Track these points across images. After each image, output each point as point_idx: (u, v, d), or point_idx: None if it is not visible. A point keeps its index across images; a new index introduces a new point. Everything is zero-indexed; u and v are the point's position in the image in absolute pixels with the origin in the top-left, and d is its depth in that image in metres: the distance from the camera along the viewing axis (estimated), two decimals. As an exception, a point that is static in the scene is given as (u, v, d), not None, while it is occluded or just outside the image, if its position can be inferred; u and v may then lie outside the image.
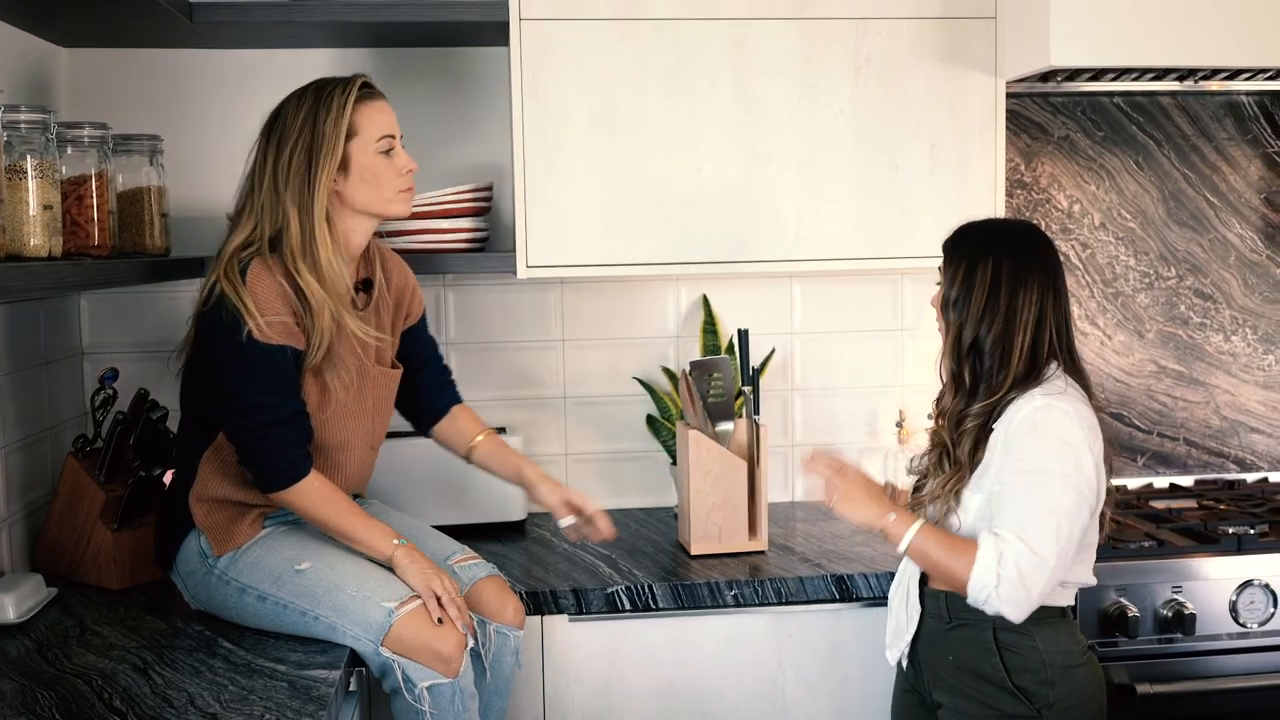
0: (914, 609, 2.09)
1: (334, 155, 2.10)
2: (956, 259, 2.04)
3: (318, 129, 2.10)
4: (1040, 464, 1.91)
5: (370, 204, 2.16)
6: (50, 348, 2.58)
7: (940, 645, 2.06)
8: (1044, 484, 1.90)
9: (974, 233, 2.07)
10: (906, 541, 1.98)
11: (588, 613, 2.34)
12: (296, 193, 2.09)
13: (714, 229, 2.59)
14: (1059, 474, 1.90)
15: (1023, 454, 1.92)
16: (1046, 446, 1.92)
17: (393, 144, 2.17)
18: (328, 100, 2.12)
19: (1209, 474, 3.12)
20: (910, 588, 2.11)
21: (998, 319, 1.98)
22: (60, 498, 2.40)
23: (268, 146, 2.13)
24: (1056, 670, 1.97)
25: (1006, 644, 1.98)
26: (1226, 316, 3.10)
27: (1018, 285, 1.98)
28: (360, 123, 2.13)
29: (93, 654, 2.00)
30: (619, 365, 2.95)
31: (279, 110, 2.16)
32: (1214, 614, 2.43)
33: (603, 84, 2.54)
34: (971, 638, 2.01)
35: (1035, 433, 1.92)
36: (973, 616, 1.99)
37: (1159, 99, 3.03)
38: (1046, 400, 1.94)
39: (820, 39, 2.57)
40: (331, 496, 2.09)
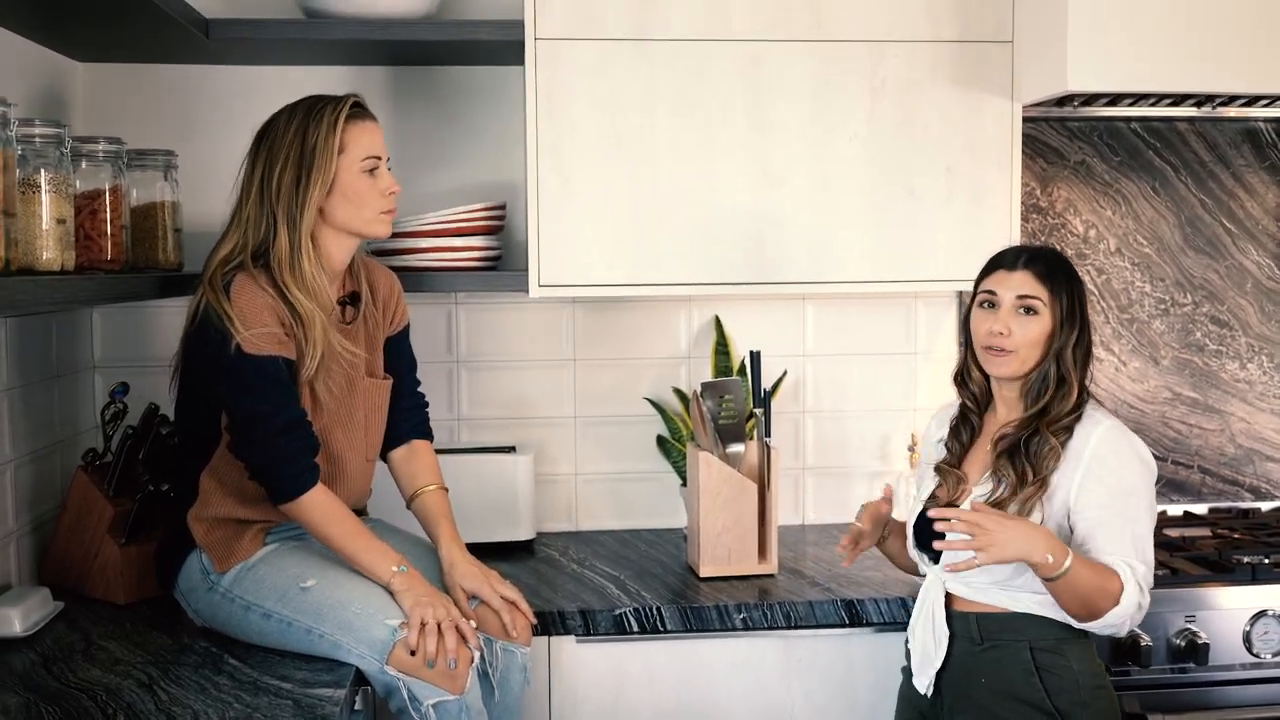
0: (942, 634, 2.06)
1: (325, 172, 2.12)
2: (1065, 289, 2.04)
3: (307, 145, 2.11)
4: (1132, 486, 1.97)
5: (350, 222, 2.17)
6: (61, 361, 2.58)
7: (972, 669, 2.04)
8: (1137, 504, 1.97)
9: (1060, 260, 2.10)
10: (1066, 568, 1.87)
11: (595, 634, 2.33)
12: (286, 207, 2.11)
13: (727, 250, 2.59)
14: (1146, 493, 1.98)
15: (1113, 476, 1.97)
16: (1133, 466, 1.99)
17: (378, 164, 2.18)
18: (318, 117, 2.13)
19: (1223, 502, 3.09)
20: (936, 611, 2.07)
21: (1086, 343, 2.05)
22: (69, 511, 2.40)
23: (256, 159, 2.16)
24: (1088, 690, 1.97)
25: (1045, 665, 1.98)
26: (1242, 344, 3.08)
27: (1090, 314, 2.09)
28: (347, 141, 2.15)
29: (98, 669, 1.99)
30: (630, 385, 2.94)
31: (269, 124, 2.18)
32: (1227, 644, 2.40)
33: (617, 104, 2.54)
34: (1008, 659, 2.00)
35: (1119, 453, 1.98)
36: (1008, 638, 1.99)
37: (1176, 125, 3.02)
38: (1112, 420, 2.02)
39: (836, 61, 2.57)
40: (338, 514, 2.09)
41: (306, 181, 2.11)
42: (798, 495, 3.02)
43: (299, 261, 2.11)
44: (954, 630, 2.06)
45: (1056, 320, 2.02)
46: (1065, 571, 1.86)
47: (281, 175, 2.11)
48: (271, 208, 2.12)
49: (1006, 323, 2.03)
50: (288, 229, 2.11)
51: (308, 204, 2.11)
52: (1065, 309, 2.03)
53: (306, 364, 2.11)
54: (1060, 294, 2.03)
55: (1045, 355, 2.03)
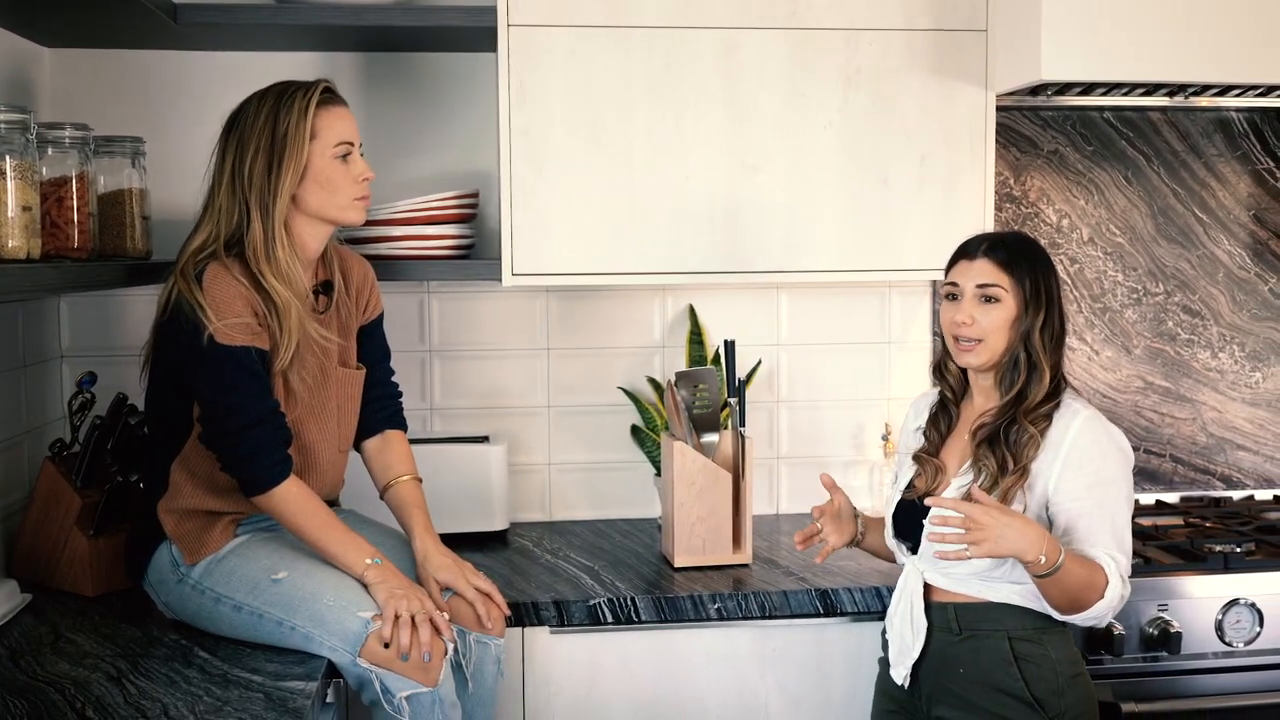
0: (920, 624, 2.05)
1: (298, 158, 2.10)
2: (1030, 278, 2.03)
3: (278, 131, 2.09)
4: (1111, 475, 1.98)
5: (323, 209, 2.15)
6: (28, 350, 2.55)
7: (949, 659, 2.04)
8: (1116, 494, 1.97)
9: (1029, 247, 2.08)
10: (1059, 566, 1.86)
11: (569, 625, 2.32)
12: (259, 195, 2.09)
13: (701, 239, 2.58)
14: (1124, 483, 1.99)
15: (1092, 465, 1.97)
16: (1112, 455, 1.99)
17: (350, 150, 2.16)
18: (289, 103, 2.11)
19: (1195, 491, 3.10)
20: (914, 602, 2.07)
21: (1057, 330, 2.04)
22: (36, 503, 2.37)
23: (227, 147, 2.13)
24: (1065, 679, 1.98)
25: (1023, 654, 1.98)
26: (1214, 333, 3.10)
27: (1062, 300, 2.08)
28: (319, 127, 2.12)
29: (66, 662, 1.97)
30: (604, 375, 2.93)
31: (239, 111, 2.15)
32: (1200, 633, 2.41)
33: (591, 91, 2.52)
34: (987, 649, 2.00)
35: (1098, 443, 1.98)
36: (986, 628, 1.99)
37: (1149, 114, 3.03)
38: (1092, 411, 2.02)
39: (811, 49, 2.56)
40: (311, 506, 2.07)
41: (279, 168, 2.09)
42: (772, 485, 3.01)
43: (273, 249, 2.09)
44: (932, 620, 2.06)
45: (1020, 305, 2.02)
46: (1057, 569, 1.85)
47: (253, 163, 2.09)
48: (244, 196, 2.09)
49: (969, 312, 2.04)
50: (261, 217, 2.09)
51: (280, 191, 2.09)
52: (1029, 292, 2.02)
53: (281, 354, 2.09)
54: (1023, 279, 2.02)
55: (1013, 341, 2.02)
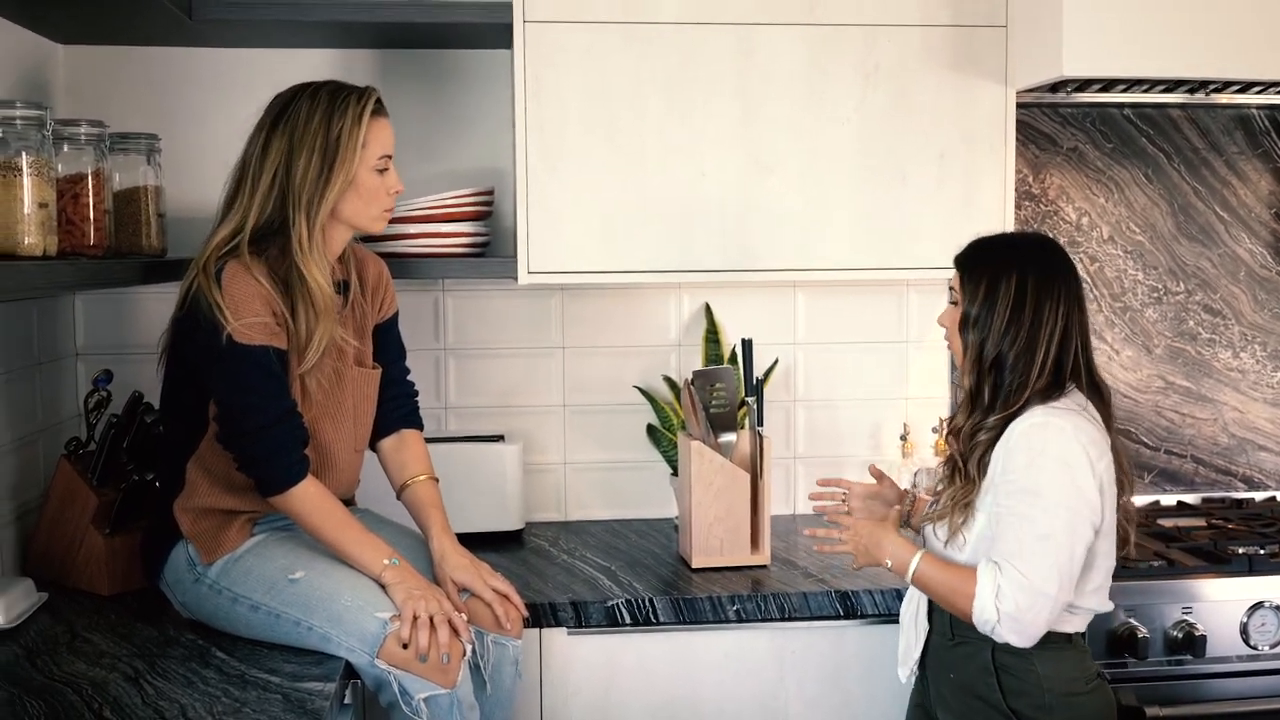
0: (923, 626, 2.06)
1: (349, 166, 2.08)
2: (976, 275, 1.98)
3: (332, 136, 2.07)
4: (1036, 484, 1.85)
5: (355, 217, 2.14)
6: (43, 348, 2.54)
7: (944, 663, 2.03)
8: (1040, 506, 1.84)
9: (991, 247, 2.02)
10: (910, 574, 1.98)
11: (587, 626, 2.30)
12: (307, 195, 2.07)
13: (717, 237, 2.56)
14: (1054, 496, 1.84)
15: (1018, 473, 1.87)
16: (1043, 465, 1.86)
17: (388, 164, 2.15)
18: (343, 108, 2.09)
19: (1216, 492, 3.08)
20: (920, 604, 2.07)
21: (1021, 333, 1.92)
22: (52, 501, 2.36)
23: (273, 139, 2.09)
24: (1055, 697, 1.92)
25: (1004, 665, 1.94)
26: (1235, 332, 3.07)
27: (1043, 298, 1.93)
28: (369, 138, 2.11)
29: (83, 662, 1.95)
30: (619, 374, 2.91)
31: (288, 106, 2.11)
32: (1224, 636, 2.39)
33: (606, 88, 2.51)
34: (971, 656, 1.97)
35: (1030, 450, 1.87)
36: (974, 635, 1.95)
37: (1169, 111, 3.00)
38: (1045, 417, 1.89)
39: (828, 46, 2.54)
40: (328, 506, 2.05)
41: (329, 174, 2.07)
42: (789, 485, 3.00)
43: (313, 251, 2.07)
44: (932, 625, 2.05)
45: (963, 295, 1.99)
46: (911, 575, 1.96)
47: (306, 164, 2.06)
48: (292, 194, 2.07)
49: (945, 312, 2.08)
50: (306, 218, 2.07)
51: (328, 196, 2.08)
52: (974, 289, 1.96)
53: (308, 355, 2.07)
54: (971, 278, 1.98)
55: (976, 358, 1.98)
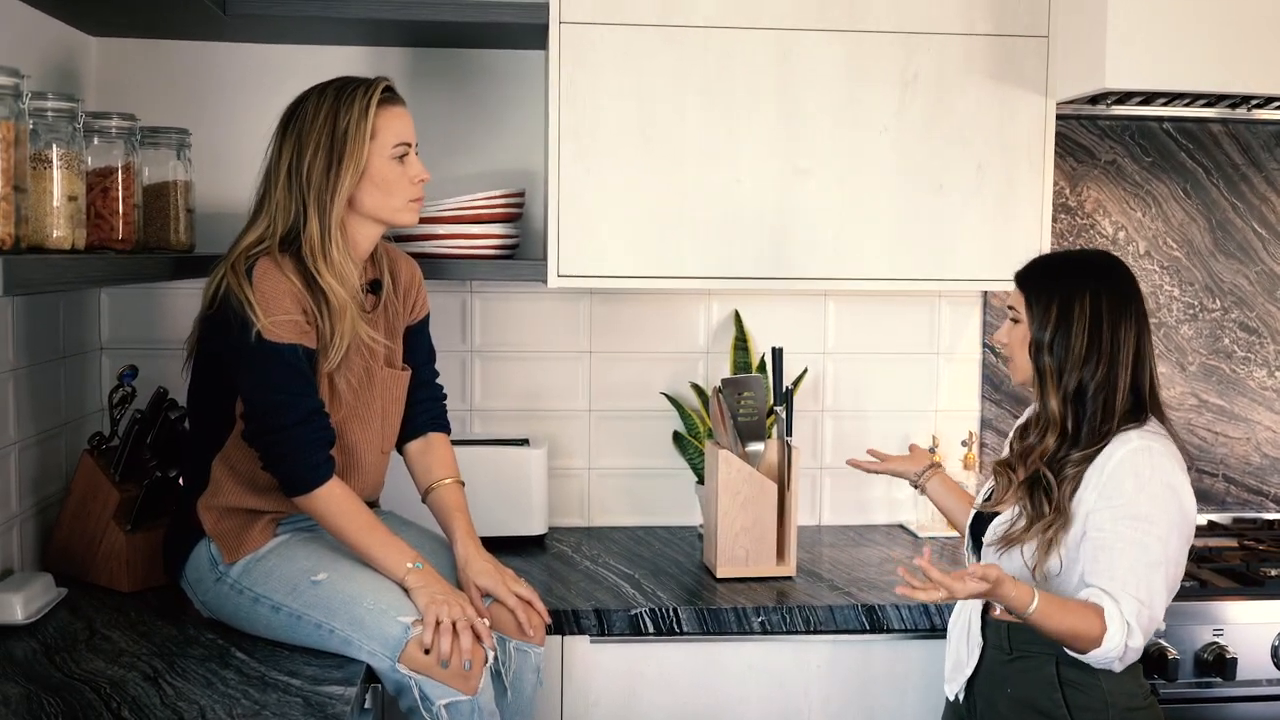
0: (975, 642, 2.01)
1: (357, 158, 2.06)
2: (1044, 296, 1.94)
3: (338, 130, 2.05)
4: (1147, 511, 1.84)
5: (378, 210, 2.11)
6: (69, 342, 2.52)
7: (999, 678, 1.99)
8: (1153, 534, 1.83)
9: (1058, 266, 1.99)
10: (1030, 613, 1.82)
11: (610, 634, 2.27)
12: (316, 193, 2.05)
13: (750, 244, 2.53)
14: (1164, 521, 1.84)
15: (1125, 499, 1.85)
16: (1152, 491, 1.85)
17: (408, 151, 2.13)
18: (349, 101, 2.07)
19: (1247, 512, 3.04)
20: (972, 619, 2.03)
21: (1101, 360, 1.90)
22: (74, 496, 2.34)
23: (284, 143, 2.09)
24: (1118, 712, 1.90)
25: (1070, 680, 1.91)
26: (1271, 351, 3.03)
27: (1118, 320, 1.91)
28: (379, 127, 2.09)
29: (102, 660, 1.94)
30: (647, 380, 2.89)
31: (297, 106, 2.11)
32: (1255, 658, 2.35)
33: (642, 91, 2.48)
34: (1033, 670, 1.94)
35: (1139, 477, 1.85)
36: (1036, 649, 1.92)
37: (1209, 126, 2.96)
38: (1145, 442, 1.87)
39: (867, 53, 2.51)
40: (352, 508, 2.03)
41: (338, 168, 2.05)
42: (814, 495, 2.97)
43: (329, 249, 2.05)
44: (986, 639, 2.01)
45: (1030, 316, 1.95)
46: (1026, 616, 1.81)
47: (313, 161, 2.05)
48: (302, 194, 2.06)
49: (1001, 332, 2.04)
50: (319, 216, 2.05)
51: (339, 191, 2.06)
52: (1043, 312, 1.93)
53: (331, 355, 2.05)
54: (1039, 300, 1.94)
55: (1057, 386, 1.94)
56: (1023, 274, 2.01)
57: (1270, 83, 2.43)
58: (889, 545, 2.78)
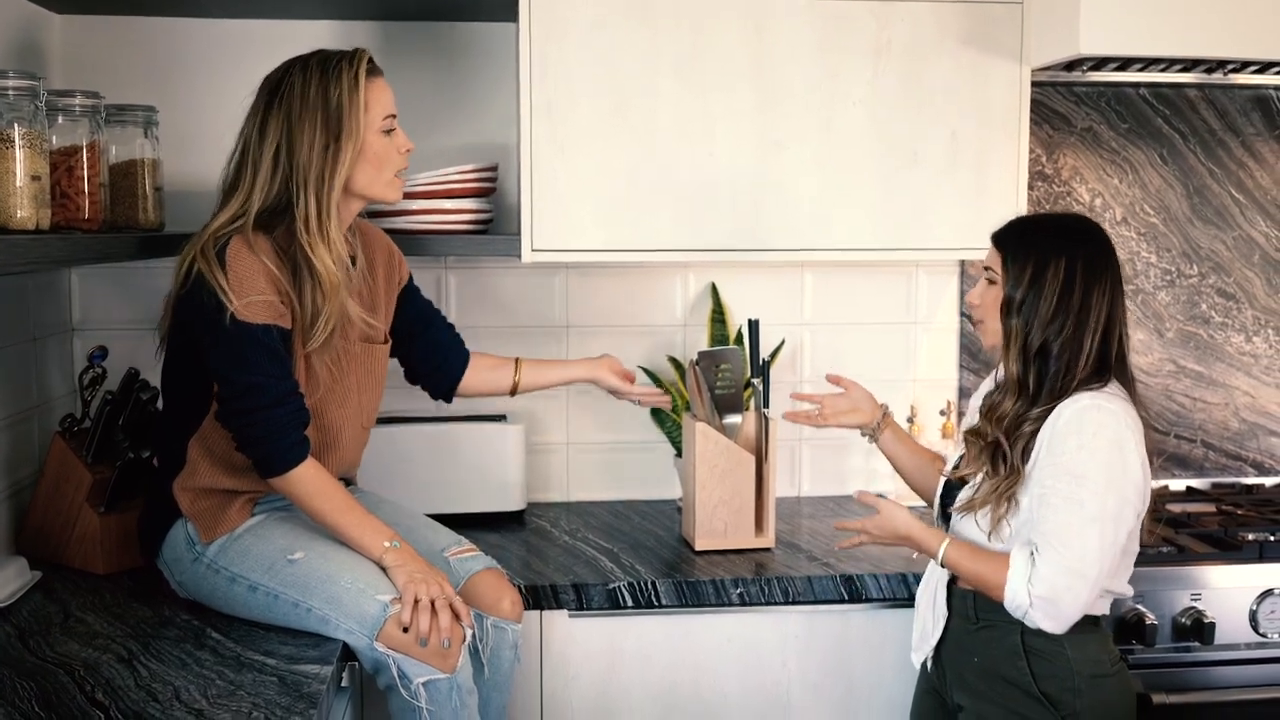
0: (941, 611, 2.02)
1: (356, 135, 2.03)
2: (1021, 256, 1.93)
3: (332, 106, 2.01)
4: (1086, 467, 1.83)
5: (369, 186, 2.09)
6: (39, 323, 2.50)
7: (966, 646, 2.00)
8: (1089, 489, 1.82)
9: (1037, 228, 1.98)
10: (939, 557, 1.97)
11: (588, 608, 2.27)
12: (316, 172, 2.01)
13: (726, 216, 2.52)
14: (1103, 479, 1.82)
15: (1067, 455, 1.84)
16: (1095, 447, 1.83)
17: (393, 124, 2.10)
18: (337, 74, 2.03)
19: (1226, 477, 3.04)
20: (939, 589, 2.04)
21: (1069, 321, 1.89)
22: (46, 478, 2.33)
23: (269, 119, 2.04)
24: (1084, 680, 1.90)
25: (1034, 648, 1.91)
26: (1249, 316, 3.03)
27: (1091, 284, 1.90)
28: (369, 100, 2.05)
29: (76, 642, 1.92)
30: (624, 353, 2.86)
31: (280, 84, 2.05)
32: (1233, 623, 2.36)
33: (615, 64, 2.46)
34: (998, 640, 1.94)
35: (1082, 434, 1.84)
36: (1000, 618, 1.93)
37: (1185, 91, 2.95)
38: (1095, 400, 1.86)
39: (840, 23, 2.49)
40: (328, 488, 2.02)
41: (336, 145, 2.02)
42: (794, 467, 2.96)
43: (327, 227, 2.02)
44: (952, 607, 2.02)
45: (1004, 276, 1.94)
46: (938, 559, 1.96)
47: (312, 139, 2.01)
48: (296, 172, 2.01)
49: (976, 292, 2.03)
50: (316, 194, 2.01)
51: (340, 168, 2.02)
52: (1019, 272, 1.91)
53: (316, 335, 2.03)
54: (1015, 260, 1.93)
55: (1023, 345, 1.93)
56: (1001, 234, 2.00)
57: (1245, 47, 2.42)
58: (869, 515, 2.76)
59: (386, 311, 2.27)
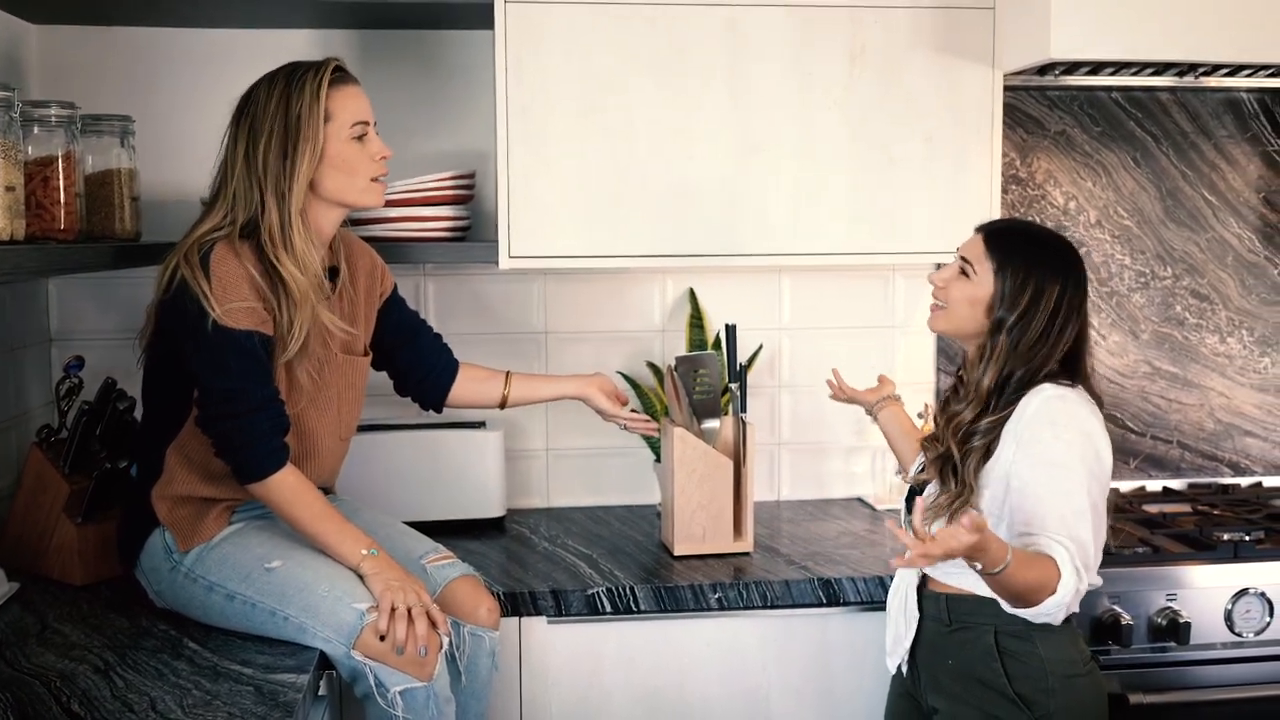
0: (913, 614, 2.03)
1: (313, 142, 2.04)
2: (1021, 276, 1.92)
3: (291, 115, 2.03)
4: (1062, 457, 1.84)
5: (342, 192, 2.10)
6: (16, 333, 2.50)
7: (940, 649, 2.00)
8: (1071, 478, 1.83)
9: (1038, 248, 1.95)
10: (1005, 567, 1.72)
11: (567, 614, 2.28)
12: (274, 181, 2.03)
13: (703, 221, 2.52)
14: (1082, 469, 1.84)
15: (1041, 445, 1.85)
16: (1068, 438, 1.85)
17: (366, 130, 2.11)
18: (300, 85, 2.05)
19: (1202, 478, 3.06)
20: (909, 592, 2.04)
21: (1049, 345, 1.91)
22: (24, 489, 2.32)
23: (238, 133, 2.07)
24: (1058, 679, 1.91)
25: (1009, 649, 1.92)
26: (1223, 317, 3.05)
27: (1072, 313, 1.92)
28: (333, 109, 2.07)
29: (53, 653, 1.92)
30: (603, 359, 2.88)
31: (249, 95, 2.09)
32: (1209, 622, 2.37)
33: (590, 70, 2.47)
34: (972, 641, 1.95)
35: (1055, 424, 1.86)
36: (974, 620, 1.94)
37: (1158, 95, 2.97)
38: (1059, 390, 1.89)
39: (815, 27, 2.50)
40: (306, 496, 2.02)
41: (294, 154, 2.03)
42: (773, 471, 2.97)
43: (290, 236, 2.03)
44: (925, 611, 2.02)
45: (996, 293, 1.92)
46: (1000, 571, 1.72)
47: (267, 149, 2.03)
48: (259, 183, 2.03)
49: (944, 276, 2.01)
50: (277, 204, 2.03)
51: (297, 177, 2.03)
52: (1015, 295, 1.91)
53: (290, 344, 2.03)
54: (1007, 268, 1.92)
55: (981, 326, 1.95)
56: (996, 238, 1.97)
57: (1215, 50, 2.44)
58: (847, 519, 2.79)
59: (367, 324, 2.28)
